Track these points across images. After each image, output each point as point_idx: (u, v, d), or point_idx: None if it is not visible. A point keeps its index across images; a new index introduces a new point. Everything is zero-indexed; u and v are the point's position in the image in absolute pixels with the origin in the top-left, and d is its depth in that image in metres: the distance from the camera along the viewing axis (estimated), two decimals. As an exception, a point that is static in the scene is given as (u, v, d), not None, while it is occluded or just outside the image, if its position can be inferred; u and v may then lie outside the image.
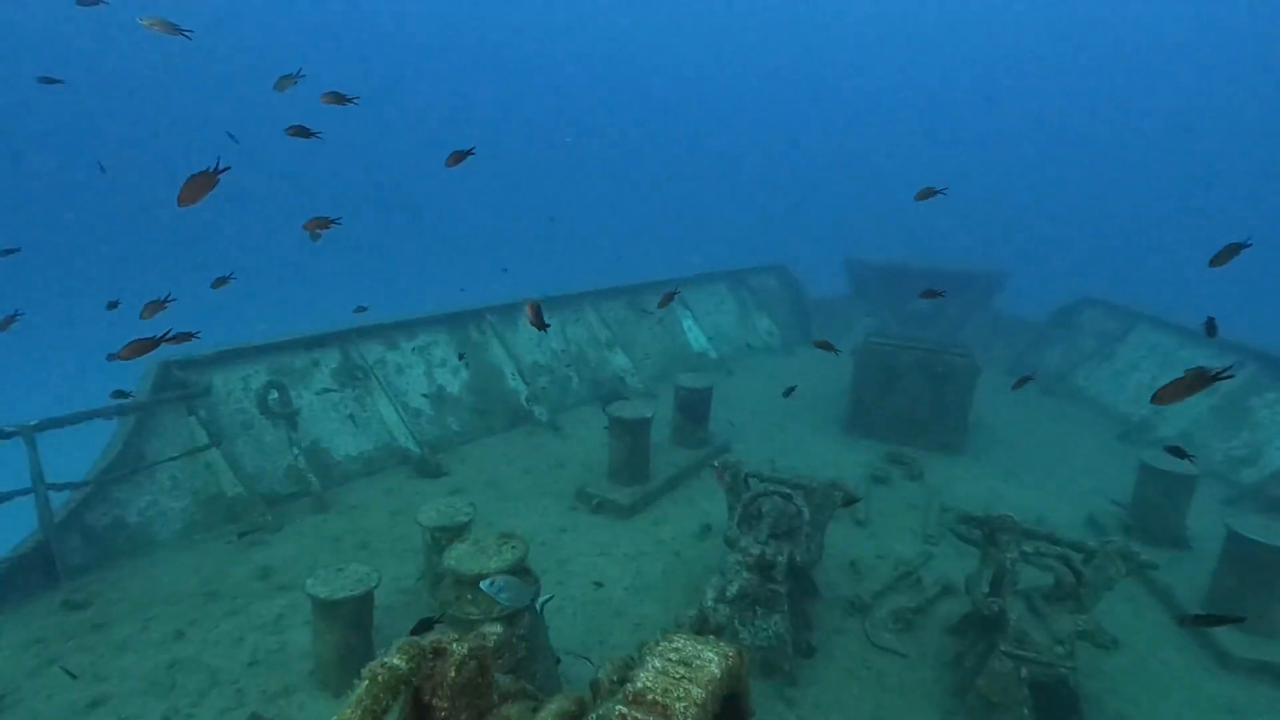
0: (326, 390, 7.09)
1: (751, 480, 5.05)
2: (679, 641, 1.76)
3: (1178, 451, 4.17)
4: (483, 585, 3.08)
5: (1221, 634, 4.92)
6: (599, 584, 5.26)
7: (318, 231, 5.47)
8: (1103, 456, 8.50)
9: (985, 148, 59.28)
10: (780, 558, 4.29)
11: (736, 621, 4.22)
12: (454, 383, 8.18)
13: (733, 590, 3.92)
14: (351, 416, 7.09)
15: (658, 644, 1.75)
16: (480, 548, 3.46)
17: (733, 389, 10.22)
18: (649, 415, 6.49)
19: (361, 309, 7.42)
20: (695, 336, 11.50)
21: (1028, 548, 4.23)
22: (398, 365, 7.79)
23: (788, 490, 4.67)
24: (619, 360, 9.99)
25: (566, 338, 9.82)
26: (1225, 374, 2.70)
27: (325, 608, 3.81)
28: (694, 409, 7.49)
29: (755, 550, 4.25)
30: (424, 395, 7.82)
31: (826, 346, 5.33)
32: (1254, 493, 7.50)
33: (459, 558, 3.39)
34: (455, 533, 4.61)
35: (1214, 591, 5.16)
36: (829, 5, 66.26)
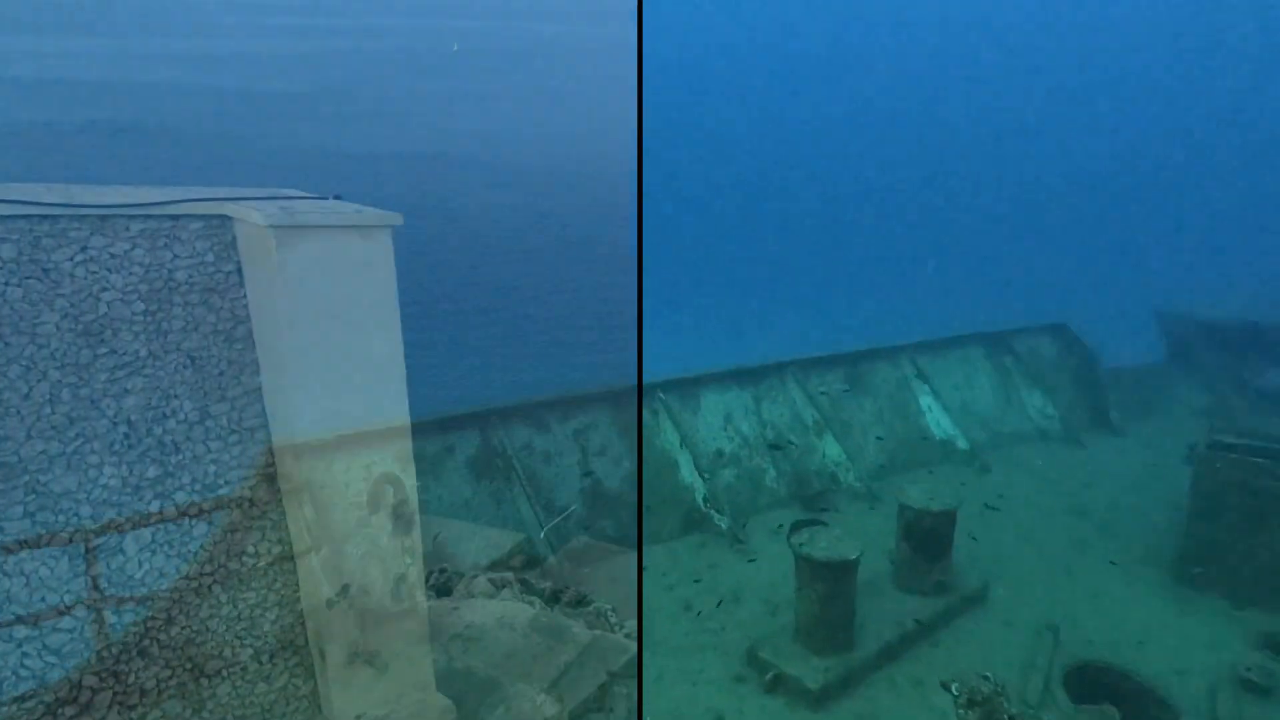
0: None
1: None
2: None
3: None
4: None
5: None
6: None
7: None
8: None
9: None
10: None
11: None
12: (614, 474, 6.78)
13: None
14: (483, 515, 5.99)
15: None
16: None
17: (990, 493, 7.48)
18: (854, 556, 4.41)
19: None
20: (937, 418, 8.88)
21: None
22: (545, 453, 6.58)
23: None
24: (830, 450, 7.84)
25: (762, 420, 7.96)
26: None
27: None
28: (929, 539, 5.17)
29: None
30: (577, 489, 6.53)
31: None
32: None
33: None
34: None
35: None
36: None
